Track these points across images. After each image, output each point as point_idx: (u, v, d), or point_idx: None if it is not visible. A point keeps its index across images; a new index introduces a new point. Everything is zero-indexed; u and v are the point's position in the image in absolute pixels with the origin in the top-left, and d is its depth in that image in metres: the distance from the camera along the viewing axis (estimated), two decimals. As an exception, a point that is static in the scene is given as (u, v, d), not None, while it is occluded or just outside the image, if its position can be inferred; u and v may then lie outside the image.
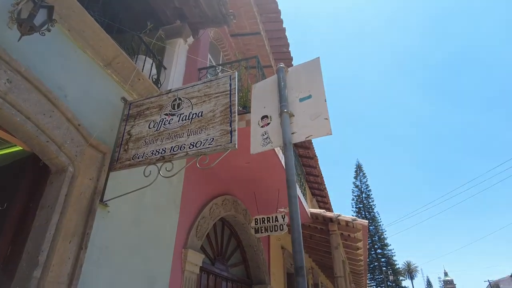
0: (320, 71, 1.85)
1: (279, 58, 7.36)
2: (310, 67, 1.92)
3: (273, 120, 1.83)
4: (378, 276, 50.15)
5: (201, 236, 4.22)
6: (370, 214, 55.03)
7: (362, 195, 56.29)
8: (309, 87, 1.84)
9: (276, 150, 4.24)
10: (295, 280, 1.31)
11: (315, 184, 13.37)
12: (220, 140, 2.27)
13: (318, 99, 1.76)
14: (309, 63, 1.94)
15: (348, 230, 6.98)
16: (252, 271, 6.30)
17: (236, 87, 2.47)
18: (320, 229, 7.54)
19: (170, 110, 2.76)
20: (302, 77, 1.92)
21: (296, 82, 1.91)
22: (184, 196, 3.96)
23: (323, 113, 1.68)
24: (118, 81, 3.08)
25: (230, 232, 5.96)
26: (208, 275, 4.81)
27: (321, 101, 1.75)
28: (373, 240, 54.02)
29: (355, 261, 10.46)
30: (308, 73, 1.91)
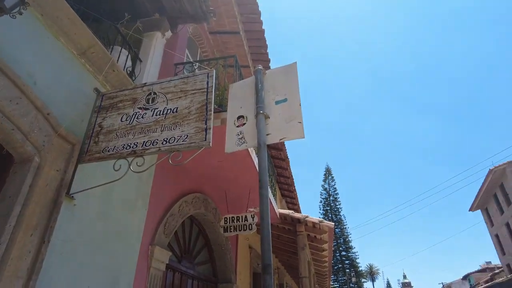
0: (297, 76, 1.91)
1: (257, 59, 7.42)
2: (287, 71, 1.97)
3: (248, 121, 1.87)
4: (342, 278, 51.49)
5: (169, 233, 4.18)
6: (336, 217, 56.42)
7: (329, 198, 57.62)
8: (285, 90, 1.89)
9: (249, 150, 4.28)
10: (262, 278, 1.35)
11: (285, 185, 13.57)
12: (195, 137, 2.28)
13: (293, 103, 1.82)
14: (286, 67, 1.99)
15: (315, 231, 7.14)
16: (218, 269, 6.30)
17: (213, 85, 2.48)
18: (288, 229, 7.66)
19: (144, 104, 2.72)
20: (279, 80, 1.97)
21: (273, 85, 1.96)
22: (153, 192, 3.91)
23: (297, 117, 1.74)
24: (92, 72, 2.99)
25: (199, 230, 5.93)
26: (174, 273, 4.77)
27: (296, 105, 1.80)
28: (338, 243, 55.40)
29: (320, 262, 10.71)
30: (285, 77, 1.96)
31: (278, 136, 1.74)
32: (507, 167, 26.46)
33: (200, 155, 2.57)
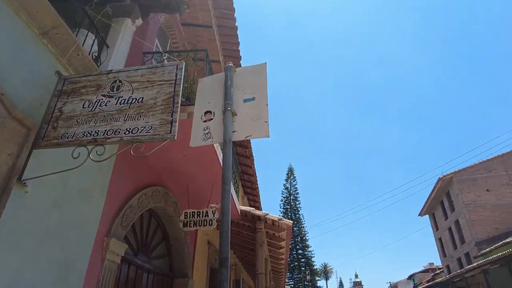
0: (266, 76, 1.95)
1: (228, 55, 7.40)
2: (256, 71, 2.01)
3: (216, 117, 1.89)
4: (297, 276, 52.78)
5: (126, 226, 4.09)
6: (295, 215, 57.72)
7: (290, 197, 58.83)
8: (253, 89, 1.93)
9: (215, 146, 4.28)
10: (219, 271, 1.38)
11: (248, 182, 13.67)
12: (159, 129, 2.25)
13: (261, 102, 1.86)
14: (256, 67, 2.03)
15: (274, 229, 7.29)
16: (175, 264, 6.24)
17: (182, 78, 2.46)
18: (248, 226, 7.75)
19: (108, 92, 2.64)
20: (249, 79, 2.01)
21: (242, 83, 1.99)
22: (112, 183, 3.80)
23: (263, 116, 1.78)
24: (55, 53, 2.84)
25: (157, 224, 5.83)
26: (129, 266, 4.67)
27: (263, 104, 1.85)
28: (295, 241, 56.73)
29: (277, 259, 10.93)
30: (254, 76, 2.00)
31: (244, 133, 1.78)
32: (454, 176, 28.49)
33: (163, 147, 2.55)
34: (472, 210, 26.66)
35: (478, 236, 25.45)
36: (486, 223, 25.91)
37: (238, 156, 11.48)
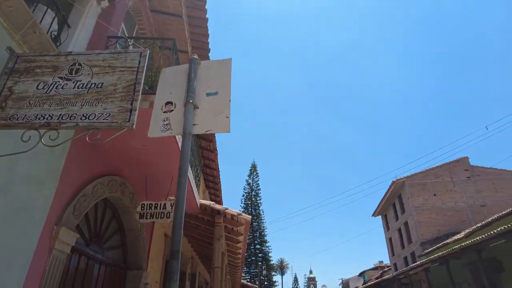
0: (230, 72, 1.97)
1: (197, 46, 7.29)
2: (221, 65, 2.02)
3: (177, 108, 1.87)
4: (253, 270, 53.42)
5: (78, 215, 3.93)
6: (256, 211, 58.31)
7: (252, 192, 59.28)
8: (217, 84, 1.93)
9: (177, 138, 4.22)
10: (169, 263, 1.38)
11: (211, 177, 13.61)
12: (118, 117, 2.19)
13: (224, 98, 1.87)
14: (222, 62, 2.04)
15: (233, 223, 7.33)
16: (130, 255, 6.10)
17: (145, 66, 2.41)
18: (207, 220, 7.73)
19: (66, 74, 2.52)
20: (213, 73, 2.00)
21: (206, 77, 1.99)
22: (65, 169, 3.63)
23: (225, 111, 1.80)
24: (7, 28, 2.66)
25: (113, 214, 5.66)
26: (80, 256, 4.50)
27: (226, 100, 1.86)
28: (254, 236, 57.33)
29: (234, 253, 11.01)
30: (219, 70, 2.00)
31: (205, 127, 1.79)
32: (406, 180, 30.25)
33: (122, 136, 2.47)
34: (420, 213, 28.49)
35: (423, 237, 27.26)
36: (431, 225, 27.82)
37: (201, 149, 11.39)
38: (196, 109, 1.84)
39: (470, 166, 30.65)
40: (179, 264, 1.39)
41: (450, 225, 27.43)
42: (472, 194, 29.12)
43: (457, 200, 29.01)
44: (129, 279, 6.03)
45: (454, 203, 28.87)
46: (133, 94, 2.29)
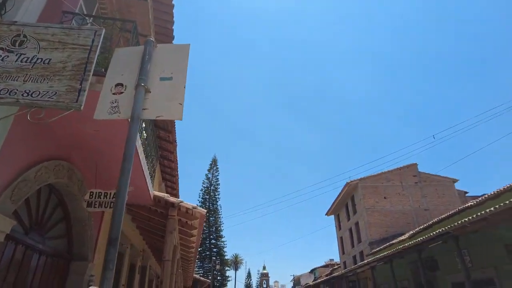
0: (187, 58, 1.90)
1: (160, 32, 7.05)
2: (179, 50, 1.94)
3: (127, 91, 1.77)
4: (207, 265, 53.21)
5: (17, 200, 3.64)
6: (213, 206, 58.07)
7: (211, 187, 58.90)
8: (173, 69, 1.86)
9: (131, 124, 4.05)
10: (106, 250, 1.31)
11: (168, 169, 13.28)
12: (65, 96, 2.04)
13: (178, 84, 1.81)
14: (179, 46, 1.96)
15: (187, 217, 7.22)
16: (75, 246, 5.78)
17: (99, 45, 2.27)
18: (161, 212, 7.54)
19: (8, 45, 2.31)
20: (169, 57, 1.92)
21: (162, 61, 1.90)
22: (5, 149, 3.34)
23: (179, 98, 1.73)
24: None
25: (58, 201, 5.33)
26: (16, 245, 4.18)
27: (181, 86, 1.80)
28: (210, 231, 57.09)
29: (188, 247, 10.87)
30: (175, 55, 1.93)
31: (156, 113, 1.71)
32: (359, 182, 31.67)
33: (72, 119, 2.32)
34: (370, 214, 29.96)
35: (372, 237, 28.72)
36: (379, 226, 29.37)
37: (160, 140, 11.07)
38: (148, 93, 1.75)
39: (418, 172, 32.79)
40: (116, 252, 1.32)
41: (397, 226, 29.15)
42: (418, 199, 31.18)
43: (405, 203, 30.90)
44: (73, 270, 5.72)
45: (402, 206, 30.71)
46: (83, 73, 2.14)
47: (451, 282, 14.64)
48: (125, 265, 9.02)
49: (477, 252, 12.87)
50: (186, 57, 1.90)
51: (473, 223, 10.43)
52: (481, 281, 12.57)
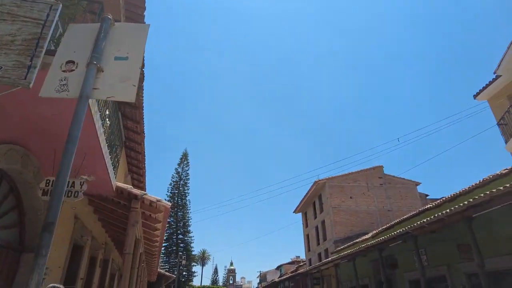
0: (145, 38, 1.81)
1: (131, 17, 6.78)
2: (137, 30, 1.85)
3: (78, 69, 1.66)
4: (173, 260, 52.50)
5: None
6: (182, 201, 57.29)
7: (180, 182, 58.04)
8: (129, 49, 1.76)
9: (92, 111, 3.86)
10: (40, 235, 1.22)
11: (135, 161, 12.90)
12: (12, 72, 1.88)
13: (134, 64, 1.71)
14: (138, 26, 1.87)
15: (151, 210, 7.05)
16: (27, 236, 5.48)
17: (54, 21, 2.10)
18: (123, 204, 7.31)
19: (-50, 14, 2.10)
20: (126, 36, 1.82)
21: (118, 39, 1.80)
22: None
23: (133, 79, 1.65)
24: None
25: (10, 189, 5.02)
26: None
27: (136, 67, 1.71)
28: (177, 226, 56.33)
29: (151, 241, 10.63)
30: (133, 35, 1.83)
31: (107, 93, 1.61)
32: (327, 182, 32.39)
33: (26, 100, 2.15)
34: (336, 213, 30.74)
35: (337, 235, 29.49)
36: (345, 225, 30.22)
37: (127, 130, 10.74)
38: (100, 72, 1.65)
39: (383, 174, 34.03)
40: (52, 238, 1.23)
41: (362, 226, 30.11)
42: (383, 199, 32.36)
43: (370, 203, 31.97)
44: (24, 262, 5.41)
45: (366, 206, 31.76)
46: (34, 49, 1.98)
47: (408, 280, 15.32)
48: (84, 257, 8.69)
49: (433, 252, 13.54)
50: (145, 38, 1.81)
51: (431, 224, 10.93)
52: (435, 278, 13.26)
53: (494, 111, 12.21)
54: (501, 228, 10.29)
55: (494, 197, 8.35)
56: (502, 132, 11.51)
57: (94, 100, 3.73)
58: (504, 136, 11.39)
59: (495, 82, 11.84)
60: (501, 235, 10.31)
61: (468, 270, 11.52)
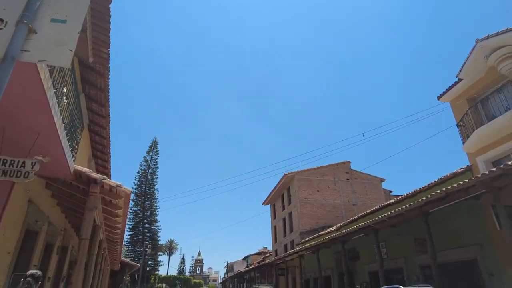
0: (88, 2, 1.67)
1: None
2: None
3: (7, 27, 1.50)
4: (139, 249, 51.57)
5: None
6: (150, 190, 56.12)
7: (148, 170, 56.76)
8: (68, 11, 1.61)
9: (45, 86, 3.61)
10: None
11: (100, 145, 12.43)
12: None
13: (73, 28, 1.58)
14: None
15: (111, 195, 6.81)
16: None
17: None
18: (82, 189, 7.02)
19: None
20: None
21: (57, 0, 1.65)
22: None
23: (70, 44, 1.52)
24: None
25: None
26: None
27: (75, 31, 1.57)
28: (144, 215, 55.25)
29: (113, 228, 10.32)
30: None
31: (38, 56, 1.48)
32: (296, 175, 32.89)
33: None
34: (303, 205, 31.35)
35: (303, 227, 30.11)
36: (311, 217, 30.89)
37: (92, 113, 10.29)
38: (32, 33, 1.50)
39: (350, 169, 35.02)
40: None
41: (327, 218, 30.90)
42: (348, 194, 33.33)
43: (336, 198, 32.84)
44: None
45: (333, 200, 32.60)
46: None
47: (368, 271, 15.94)
48: (39, 244, 8.28)
49: (393, 245, 14.14)
50: (87, 1, 1.67)
51: (391, 218, 11.38)
52: (393, 270, 13.87)
53: (455, 112, 12.79)
54: (453, 224, 10.90)
55: (449, 193, 8.79)
56: (461, 133, 12.10)
57: (47, 75, 3.49)
58: (462, 137, 11.99)
59: (457, 85, 12.39)
60: (453, 230, 10.93)
61: (422, 263, 12.15)
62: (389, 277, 13.42)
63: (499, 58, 10.39)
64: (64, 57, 1.47)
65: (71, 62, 1.47)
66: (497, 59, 10.46)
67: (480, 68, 11.42)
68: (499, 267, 9.27)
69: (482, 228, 9.93)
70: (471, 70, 11.62)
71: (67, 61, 1.46)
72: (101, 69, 8.41)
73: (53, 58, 1.47)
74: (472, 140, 11.17)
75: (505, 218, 7.39)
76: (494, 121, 10.34)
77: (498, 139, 10.46)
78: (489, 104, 11.64)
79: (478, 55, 10.94)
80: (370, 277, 15.78)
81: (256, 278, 38.68)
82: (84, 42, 6.68)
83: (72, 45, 1.49)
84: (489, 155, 10.89)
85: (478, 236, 10.11)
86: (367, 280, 15.92)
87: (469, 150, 11.64)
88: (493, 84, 11.40)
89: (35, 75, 3.07)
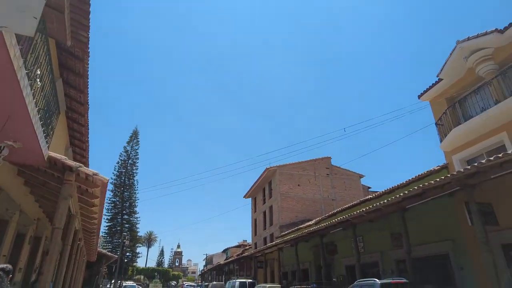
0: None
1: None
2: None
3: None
4: (117, 240, 50.78)
5: None
6: (129, 181, 55.19)
7: (128, 161, 55.75)
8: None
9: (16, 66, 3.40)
10: None
11: (78, 134, 12.05)
12: None
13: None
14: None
15: (87, 184, 6.60)
16: None
17: None
18: (57, 177, 6.77)
19: None
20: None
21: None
22: None
23: (34, 11, 1.39)
24: None
25: None
26: None
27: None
28: (123, 206, 54.36)
29: (89, 218, 10.06)
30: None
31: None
32: (278, 169, 33.07)
33: None
34: (284, 199, 31.58)
35: (283, 221, 30.37)
36: (291, 211, 31.19)
37: (70, 99, 9.93)
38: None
39: (330, 165, 35.50)
40: None
41: (307, 212, 31.27)
42: (328, 189, 33.81)
43: (315, 192, 33.24)
44: None
45: (312, 195, 32.99)
46: None
47: (345, 265, 16.24)
48: (8, 233, 7.96)
49: (370, 239, 14.43)
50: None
51: (369, 213, 11.59)
52: (369, 264, 14.18)
53: (434, 111, 13.09)
54: (428, 219, 11.21)
55: (426, 190, 9.01)
56: (439, 132, 12.40)
57: (18, 54, 3.29)
58: (440, 135, 12.29)
59: (437, 85, 12.66)
60: (428, 225, 11.25)
61: (398, 257, 12.47)
62: (365, 271, 13.72)
63: (477, 60, 10.68)
64: (28, 24, 1.35)
65: (35, 32, 1.35)
66: (475, 61, 10.74)
67: (460, 69, 11.69)
68: (469, 261, 9.62)
69: (455, 224, 10.26)
70: (451, 71, 11.89)
71: (31, 30, 1.35)
72: (80, 53, 8.10)
73: (15, 25, 1.34)
74: (449, 139, 11.47)
75: (476, 215, 7.63)
76: (470, 121, 10.63)
77: (473, 139, 10.77)
78: (466, 104, 11.96)
79: (458, 56, 11.20)
80: (347, 270, 16.09)
81: (235, 270, 38.82)
82: (61, 23, 6.40)
83: (37, 13, 1.37)
84: (464, 154, 11.21)
85: (451, 232, 10.44)
86: (344, 274, 16.22)
87: (446, 149, 11.95)
88: (471, 85, 11.70)
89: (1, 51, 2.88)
